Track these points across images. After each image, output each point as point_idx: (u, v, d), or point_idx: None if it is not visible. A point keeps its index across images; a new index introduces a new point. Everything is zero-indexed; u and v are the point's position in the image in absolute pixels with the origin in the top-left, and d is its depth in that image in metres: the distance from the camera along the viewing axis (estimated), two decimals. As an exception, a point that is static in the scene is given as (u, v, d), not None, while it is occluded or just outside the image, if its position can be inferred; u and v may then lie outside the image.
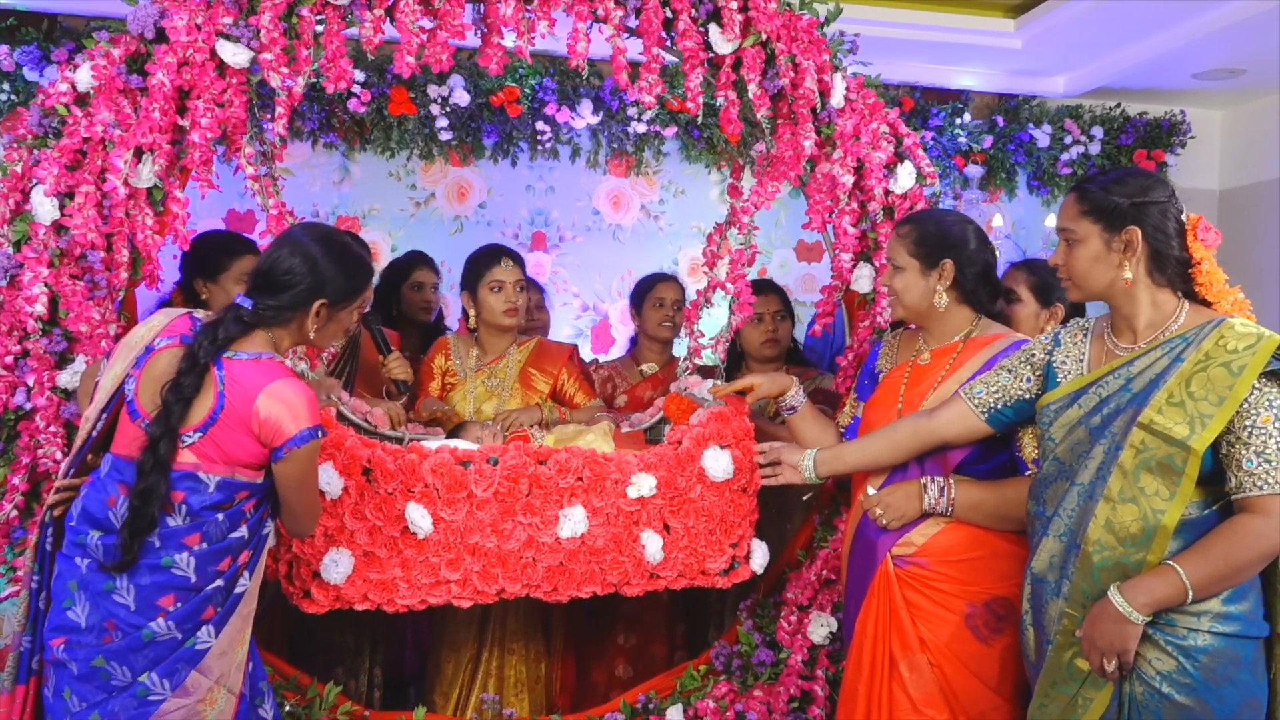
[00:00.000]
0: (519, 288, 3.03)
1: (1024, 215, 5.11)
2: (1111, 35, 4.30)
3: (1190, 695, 1.80)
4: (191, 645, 1.96)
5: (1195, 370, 1.83)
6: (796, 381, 2.59)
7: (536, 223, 4.65)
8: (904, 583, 2.28)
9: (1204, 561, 1.79)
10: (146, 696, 1.93)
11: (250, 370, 1.99)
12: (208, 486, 1.97)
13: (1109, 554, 1.85)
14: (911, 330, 2.50)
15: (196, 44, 2.32)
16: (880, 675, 2.30)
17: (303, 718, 2.56)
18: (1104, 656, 1.83)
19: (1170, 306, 1.95)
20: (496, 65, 2.53)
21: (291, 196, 2.74)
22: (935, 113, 4.76)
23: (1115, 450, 1.87)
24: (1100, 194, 1.97)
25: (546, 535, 2.46)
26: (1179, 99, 4.99)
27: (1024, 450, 2.23)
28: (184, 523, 1.96)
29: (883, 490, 2.31)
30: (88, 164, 2.32)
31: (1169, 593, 1.80)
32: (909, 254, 2.34)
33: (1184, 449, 1.79)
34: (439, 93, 4.12)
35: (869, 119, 2.72)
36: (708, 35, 2.59)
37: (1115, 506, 1.85)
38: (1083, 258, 1.99)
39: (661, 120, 4.43)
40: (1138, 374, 1.92)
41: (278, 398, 1.97)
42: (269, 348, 2.05)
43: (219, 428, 1.95)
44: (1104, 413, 1.94)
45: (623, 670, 3.31)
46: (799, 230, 4.61)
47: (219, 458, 1.97)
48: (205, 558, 1.96)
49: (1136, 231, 1.93)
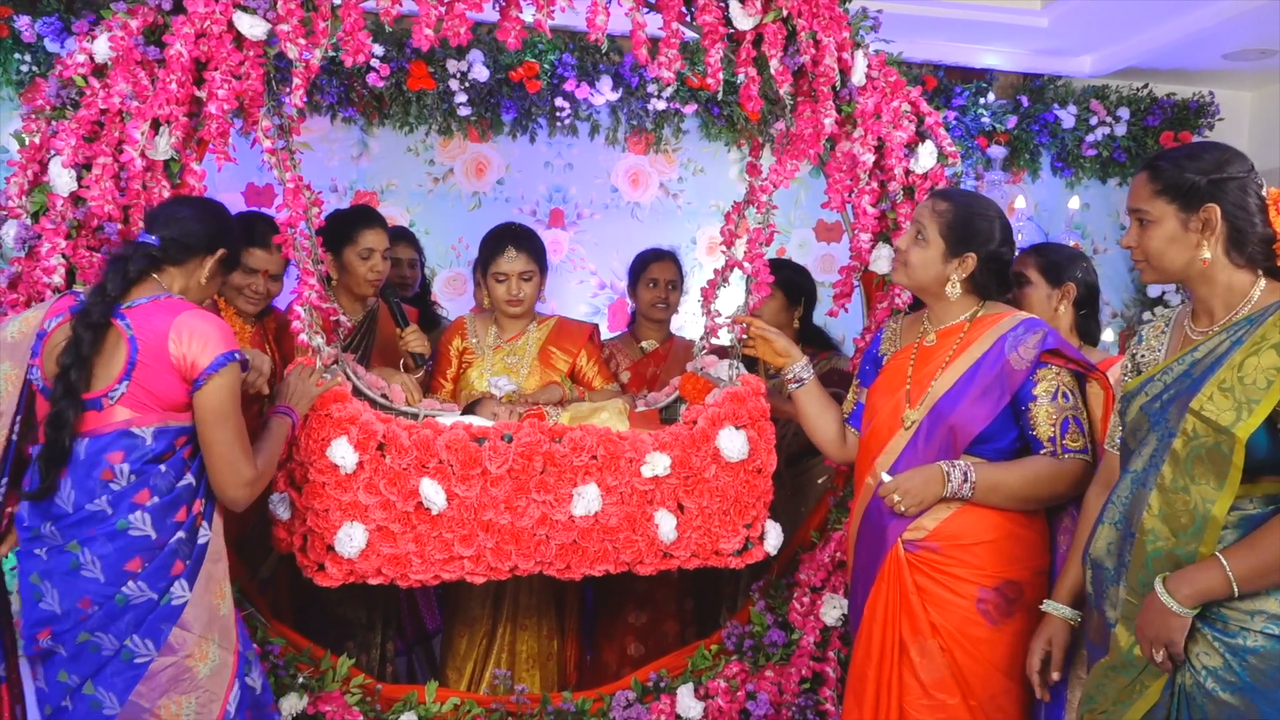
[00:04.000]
0: (524, 278, 2.98)
1: (1047, 197, 5.05)
2: (1140, 14, 4.23)
3: (1236, 695, 1.72)
4: (168, 602, 2.00)
5: (1249, 354, 1.74)
6: (806, 358, 2.58)
7: (555, 200, 4.62)
8: (915, 568, 2.26)
9: (1251, 554, 1.70)
10: (133, 659, 1.98)
11: (154, 310, 2.03)
12: (144, 440, 1.99)
13: (1162, 544, 1.79)
14: (914, 314, 2.49)
15: (214, 15, 2.30)
16: (890, 660, 2.28)
17: (315, 690, 2.58)
18: (1153, 646, 1.78)
19: (1245, 286, 1.85)
20: (515, 39, 2.51)
21: (310, 170, 2.73)
22: (959, 92, 4.70)
23: (1168, 437, 1.80)
24: (1174, 171, 1.86)
25: (560, 513, 2.46)
26: (1208, 80, 4.91)
27: (1038, 429, 2.22)
28: (129, 482, 1.98)
29: (900, 476, 2.25)
30: (105, 135, 2.32)
31: (1212, 585, 1.72)
32: (938, 233, 2.30)
33: (1230, 436, 1.70)
34: (458, 68, 4.09)
35: (890, 97, 2.69)
36: (728, 10, 2.56)
37: (1168, 496, 1.78)
38: (1158, 238, 1.88)
39: (681, 97, 4.39)
40: (1200, 358, 1.83)
41: (187, 328, 2.01)
42: (162, 292, 2.09)
43: (140, 371, 1.98)
44: (1164, 399, 1.86)
45: (633, 648, 3.32)
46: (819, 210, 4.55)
47: (151, 403, 2.00)
48: (160, 511, 2.00)
49: (1215, 209, 1.82)
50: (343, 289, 3.07)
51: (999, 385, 2.21)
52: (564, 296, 4.59)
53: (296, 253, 2.50)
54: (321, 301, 2.52)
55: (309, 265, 2.52)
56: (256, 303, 2.89)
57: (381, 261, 3.06)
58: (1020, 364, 2.20)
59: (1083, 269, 2.56)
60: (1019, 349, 2.22)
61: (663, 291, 3.53)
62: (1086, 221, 5.10)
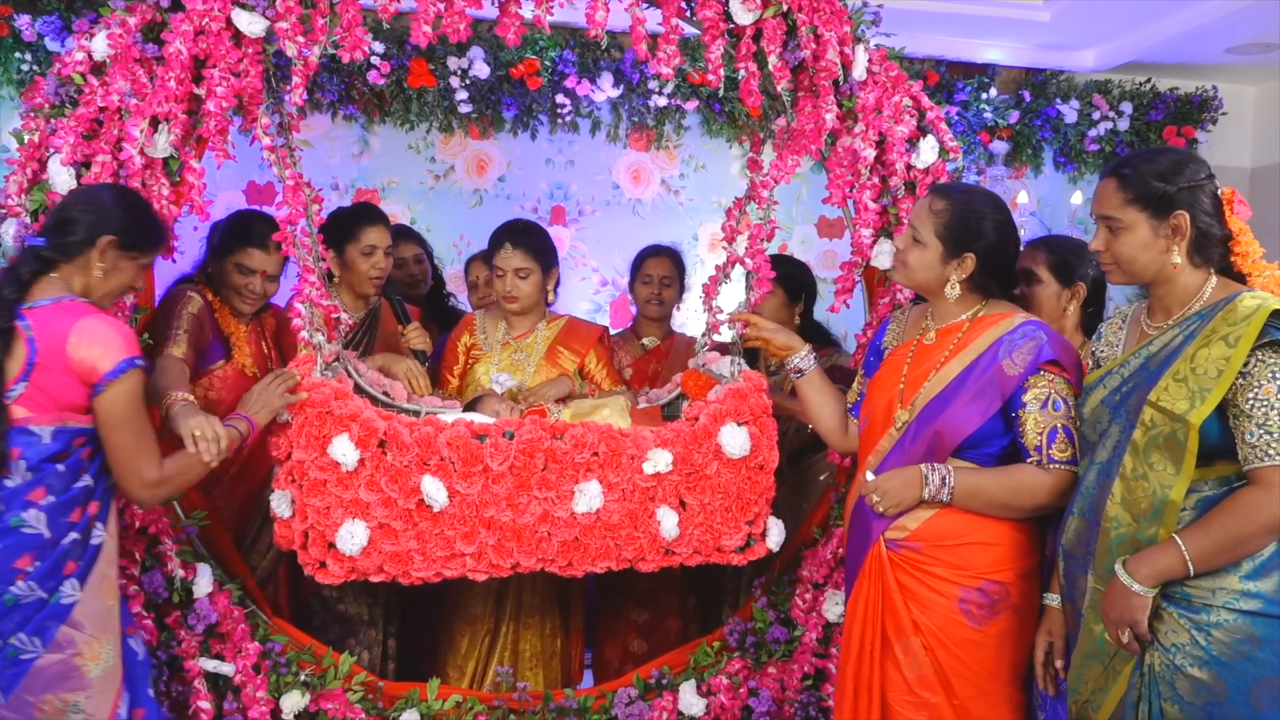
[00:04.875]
0: (520, 275, 2.98)
1: (1049, 192, 5.03)
2: (1143, 8, 4.21)
3: (1204, 669, 1.82)
4: (56, 601, 2.00)
5: (1200, 346, 1.85)
6: (809, 346, 2.57)
7: (556, 196, 4.62)
8: (897, 566, 2.25)
9: (1204, 535, 1.82)
10: (18, 656, 1.98)
11: (55, 313, 2.02)
12: (41, 438, 2.00)
13: (1125, 530, 1.90)
14: (921, 306, 2.45)
15: (212, 12, 2.30)
16: (868, 659, 2.27)
17: (317, 687, 2.58)
18: (1118, 628, 1.88)
19: (1198, 284, 1.95)
20: (515, 35, 2.50)
21: (310, 168, 2.73)
22: (961, 87, 4.68)
23: (1129, 429, 1.91)
24: (1143, 180, 1.95)
25: (562, 510, 2.46)
26: (1211, 74, 4.89)
27: (1026, 438, 2.16)
28: (24, 479, 1.98)
29: (881, 476, 2.25)
30: (104, 133, 2.32)
31: (1170, 564, 1.83)
32: (934, 234, 2.25)
33: (1184, 424, 1.82)
34: (459, 65, 4.09)
35: (891, 92, 2.68)
36: (728, 6, 2.55)
37: (1129, 484, 1.90)
38: (1130, 245, 1.98)
39: (683, 94, 4.38)
40: (1156, 352, 1.94)
41: (88, 333, 2.00)
42: (66, 292, 2.08)
43: (39, 372, 1.98)
44: (1122, 392, 1.96)
45: (636, 645, 3.32)
46: (820, 206, 4.55)
47: (49, 404, 2.00)
48: (54, 510, 2.00)
49: (1185, 216, 1.92)
50: (345, 286, 3.07)
51: (991, 390, 2.17)
52: (566, 294, 4.56)
53: (297, 250, 2.50)
54: (322, 299, 2.52)
55: (309, 263, 2.52)
56: (253, 303, 2.87)
57: (384, 259, 3.06)
58: (1013, 370, 2.16)
59: (1093, 265, 2.54)
60: (1013, 354, 2.17)
61: (656, 288, 3.54)
62: (1089, 217, 5.07)
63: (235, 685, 2.52)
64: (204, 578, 2.51)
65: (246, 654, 2.53)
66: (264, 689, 2.52)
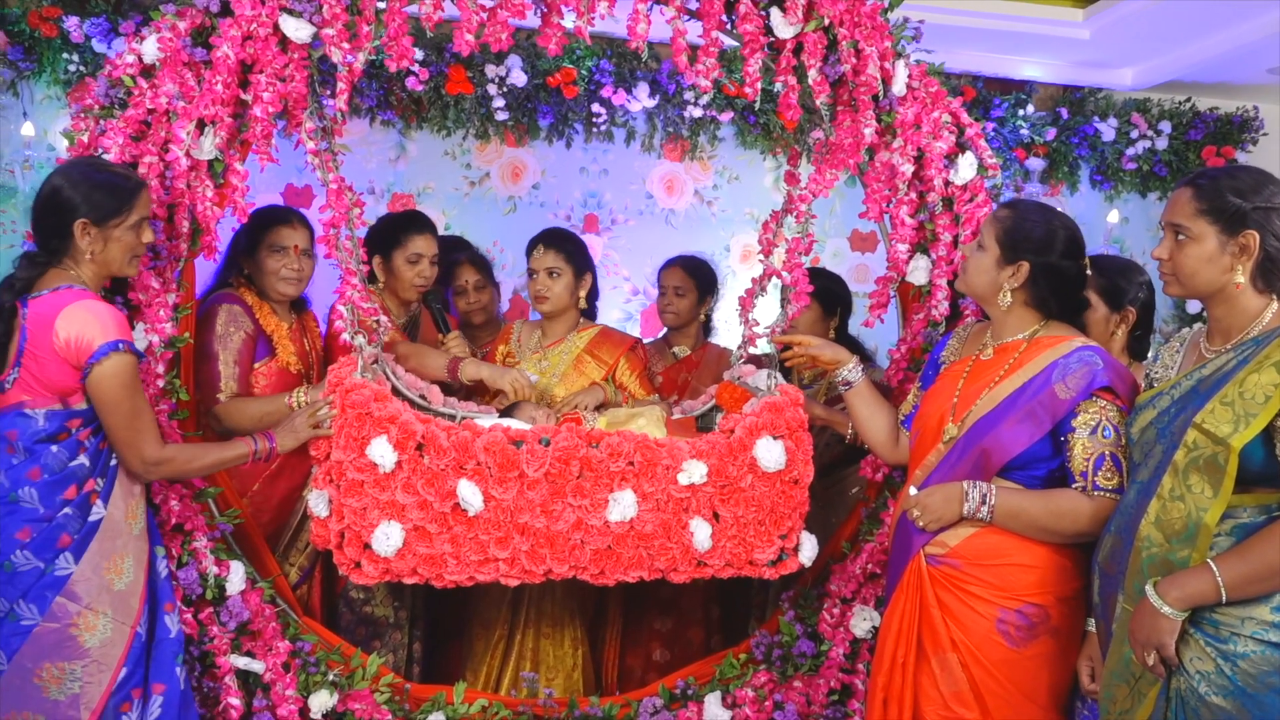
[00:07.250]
0: (551, 274, 3.02)
1: (1085, 210, 4.98)
2: (1185, 27, 4.17)
3: (1227, 698, 1.78)
4: (52, 573, 2.11)
5: (1252, 371, 1.82)
6: (856, 358, 2.57)
7: (589, 205, 4.63)
8: (936, 582, 2.25)
9: (1240, 561, 1.79)
10: (19, 621, 2.10)
11: (49, 301, 2.11)
12: (36, 420, 2.10)
13: (1156, 550, 1.87)
14: (982, 324, 2.45)
15: (260, 18, 2.34)
16: (899, 671, 2.27)
17: (345, 688, 2.60)
18: (1144, 650, 1.85)
19: (1259, 309, 1.92)
20: (556, 45, 2.52)
21: (348, 172, 2.75)
22: (998, 103, 4.66)
23: (1172, 449, 1.88)
24: (1219, 192, 1.91)
25: (595, 518, 2.46)
26: (1252, 94, 4.84)
27: (1073, 463, 2.15)
28: (22, 459, 2.10)
29: (923, 491, 2.26)
30: (151, 135, 2.36)
31: (1202, 589, 1.79)
32: (995, 238, 2.27)
33: (1225, 447, 1.79)
34: (496, 73, 4.11)
35: (931, 108, 2.67)
36: (769, 19, 2.56)
37: (1165, 504, 1.87)
38: (1194, 257, 1.94)
39: (718, 105, 4.39)
40: (1208, 375, 1.91)
41: (74, 318, 2.08)
42: (74, 281, 2.16)
43: (29, 358, 2.09)
44: (1171, 414, 1.94)
45: (659, 654, 3.31)
46: (853, 219, 4.54)
47: (43, 388, 2.10)
48: (48, 487, 2.10)
49: (1255, 236, 1.89)
50: (389, 292, 3.10)
51: (1041, 412, 2.16)
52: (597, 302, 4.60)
53: (339, 253, 2.52)
54: (363, 301, 2.54)
55: (352, 265, 2.54)
56: (295, 283, 2.87)
57: (429, 267, 3.09)
58: (1066, 394, 2.14)
59: (1143, 288, 2.52)
60: (1067, 379, 2.15)
61: (670, 297, 3.59)
62: (1125, 235, 5.04)
63: (265, 683, 2.54)
64: (237, 575, 2.54)
65: (277, 652, 2.55)
66: (293, 687, 2.54)
